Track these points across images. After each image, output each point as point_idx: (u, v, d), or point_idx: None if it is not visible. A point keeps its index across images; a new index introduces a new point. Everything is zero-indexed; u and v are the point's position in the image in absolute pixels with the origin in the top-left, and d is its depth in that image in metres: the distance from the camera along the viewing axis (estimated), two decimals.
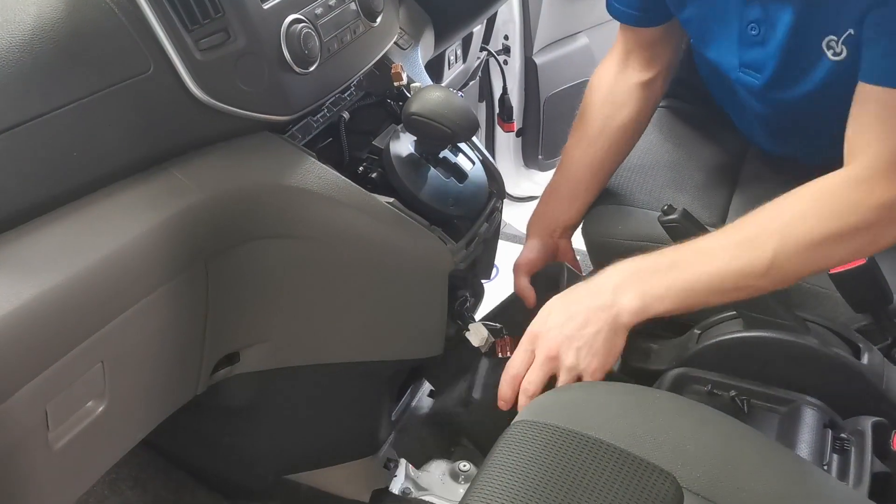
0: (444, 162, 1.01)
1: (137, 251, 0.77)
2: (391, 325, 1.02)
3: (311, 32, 0.89)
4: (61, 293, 0.69)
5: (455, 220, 0.99)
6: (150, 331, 0.83)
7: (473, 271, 1.05)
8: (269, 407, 1.12)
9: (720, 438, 0.78)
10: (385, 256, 0.94)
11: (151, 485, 1.26)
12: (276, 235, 0.90)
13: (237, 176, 0.86)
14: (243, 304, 0.94)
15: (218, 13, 0.81)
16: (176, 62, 0.80)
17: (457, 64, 1.78)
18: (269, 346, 1.01)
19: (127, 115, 0.78)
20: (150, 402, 0.89)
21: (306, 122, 0.96)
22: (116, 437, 0.85)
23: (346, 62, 0.98)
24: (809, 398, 0.97)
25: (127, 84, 0.78)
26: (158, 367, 0.87)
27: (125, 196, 0.79)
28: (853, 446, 0.91)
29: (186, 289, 0.85)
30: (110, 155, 0.78)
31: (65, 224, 0.74)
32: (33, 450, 0.73)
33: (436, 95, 0.95)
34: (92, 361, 0.75)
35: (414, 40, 1.22)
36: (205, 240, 0.84)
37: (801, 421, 0.95)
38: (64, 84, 0.74)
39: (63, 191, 0.74)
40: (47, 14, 0.75)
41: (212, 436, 1.19)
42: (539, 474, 0.72)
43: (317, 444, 1.19)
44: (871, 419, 0.93)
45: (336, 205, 0.90)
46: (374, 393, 1.17)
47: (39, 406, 0.71)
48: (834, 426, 0.94)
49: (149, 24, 0.79)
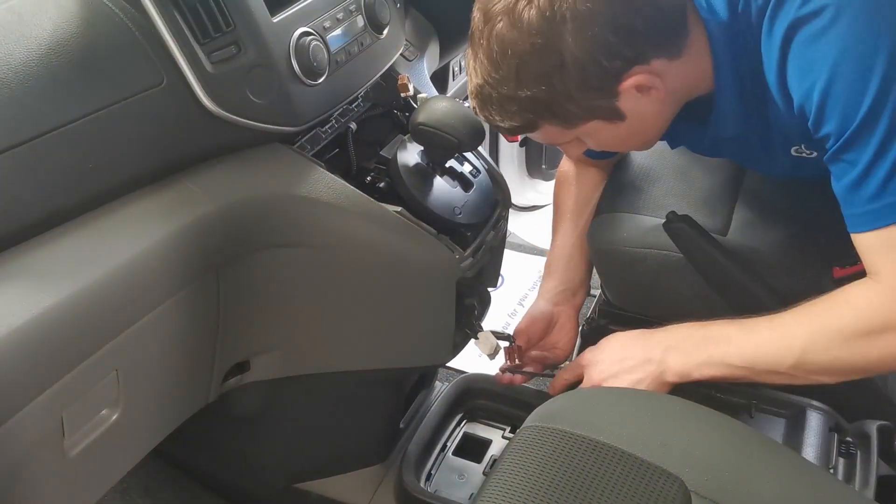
0: (450, 171, 1.03)
1: (151, 261, 0.78)
2: (399, 333, 1.03)
3: (319, 45, 0.90)
4: (77, 303, 0.70)
5: (462, 229, 1.00)
6: (163, 339, 0.84)
7: (480, 279, 1.06)
8: (279, 415, 1.13)
9: (727, 442, 0.78)
10: (393, 265, 0.95)
11: (162, 494, 1.26)
12: (286, 244, 0.91)
13: (248, 186, 0.87)
14: (254, 312, 0.95)
15: (229, 27, 0.83)
16: (188, 75, 0.82)
17: (461, 75, 1.80)
18: (279, 354, 1.02)
19: (140, 128, 0.80)
20: (163, 410, 0.90)
21: (315, 133, 0.97)
22: (130, 444, 0.86)
23: (354, 74, 0.99)
24: (815, 402, 0.98)
25: (140, 97, 0.80)
26: (171, 375, 0.88)
27: (139, 207, 0.80)
28: (859, 450, 0.92)
29: (198, 298, 0.86)
30: (124, 166, 0.79)
31: (80, 234, 0.75)
32: (49, 456, 0.74)
33: (442, 106, 0.96)
34: (107, 370, 0.76)
35: (420, 52, 1.23)
36: (216, 249, 0.85)
37: (807, 425, 0.95)
38: (79, 97, 0.75)
39: (78, 202, 0.76)
40: (63, 29, 0.77)
41: (222, 444, 1.20)
42: (547, 478, 0.73)
43: (326, 451, 1.20)
44: (876, 423, 0.94)
45: (345, 214, 0.91)
46: (383, 400, 1.18)
47: (56, 413, 0.72)
48: (839, 430, 0.95)
49: (161, 38, 0.81)
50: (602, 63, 0.83)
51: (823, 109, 0.81)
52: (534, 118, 0.90)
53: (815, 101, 0.81)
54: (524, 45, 0.83)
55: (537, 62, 0.84)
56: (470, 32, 0.90)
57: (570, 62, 0.83)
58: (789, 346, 0.88)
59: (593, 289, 1.88)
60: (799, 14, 0.80)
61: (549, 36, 0.82)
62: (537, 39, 0.82)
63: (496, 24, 0.84)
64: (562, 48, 0.82)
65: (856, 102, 0.79)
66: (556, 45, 0.82)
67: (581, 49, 0.82)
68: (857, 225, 0.84)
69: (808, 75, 0.81)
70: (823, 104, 0.81)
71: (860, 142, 0.80)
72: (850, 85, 0.79)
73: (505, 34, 0.84)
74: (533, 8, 0.82)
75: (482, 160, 1.10)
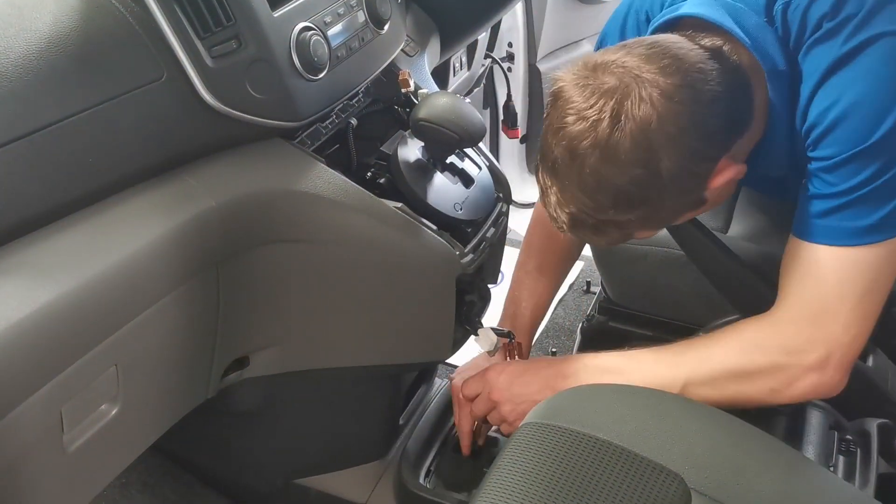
0: (451, 167, 1.02)
1: (151, 256, 0.78)
2: (399, 329, 1.03)
3: (320, 40, 0.90)
4: (77, 297, 0.70)
5: (462, 225, 1.00)
6: (163, 334, 0.84)
7: (480, 275, 1.06)
8: (279, 411, 1.13)
9: (727, 440, 0.78)
10: (393, 261, 0.95)
11: (160, 489, 1.26)
12: (286, 240, 0.91)
13: (248, 181, 0.87)
14: (254, 308, 0.95)
15: (230, 21, 0.82)
16: (188, 69, 0.81)
17: (462, 71, 1.80)
18: (278, 350, 1.02)
19: (140, 122, 0.79)
20: (162, 406, 0.90)
21: (315, 128, 0.97)
22: (129, 439, 0.86)
23: (355, 69, 0.99)
24: (815, 400, 0.98)
25: (140, 91, 0.79)
26: (170, 370, 0.88)
27: (138, 201, 0.80)
28: (859, 448, 0.92)
29: (198, 293, 0.86)
30: (124, 161, 0.79)
31: (79, 229, 0.74)
32: (48, 451, 0.74)
33: (443, 101, 0.95)
34: (106, 365, 0.76)
35: (420, 47, 1.23)
36: (216, 244, 0.85)
37: (807, 423, 0.95)
38: (79, 91, 0.75)
39: (78, 196, 0.75)
40: (63, 23, 0.76)
41: (221, 439, 1.20)
42: (547, 475, 0.73)
43: (325, 447, 1.20)
44: (876, 421, 0.94)
45: (345, 209, 0.91)
46: (383, 396, 1.17)
47: (55, 408, 0.72)
48: (840, 428, 0.95)
49: (162, 32, 0.80)
50: (694, 170, 0.84)
51: (834, 129, 0.83)
52: (630, 231, 0.91)
53: (829, 119, 0.83)
54: (623, 178, 0.82)
55: (637, 189, 0.83)
56: (549, 164, 0.87)
57: (666, 179, 0.83)
58: (674, 378, 0.91)
59: (593, 286, 1.88)
60: (840, 53, 0.83)
61: (646, 163, 0.82)
62: (636, 170, 0.82)
63: (588, 159, 0.82)
64: (659, 169, 0.82)
65: (869, 129, 0.81)
66: (654, 168, 0.82)
67: (676, 165, 0.82)
68: (818, 236, 0.87)
69: (831, 95, 0.83)
70: (836, 124, 0.83)
71: (861, 163, 0.82)
72: (871, 111, 0.82)
73: (600, 168, 0.82)
74: (626, 139, 0.81)
75: (483, 156, 1.09)
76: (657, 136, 0.81)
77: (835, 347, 0.86)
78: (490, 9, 1.39)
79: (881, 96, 0.82)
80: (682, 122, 0.81)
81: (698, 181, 0.86)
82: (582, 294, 1.90)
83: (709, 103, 0.82)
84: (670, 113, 0.80)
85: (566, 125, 0.83)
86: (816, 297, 0.87)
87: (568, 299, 1.88)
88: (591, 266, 1.96)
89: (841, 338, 0.86)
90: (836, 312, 0.85)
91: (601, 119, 0.81)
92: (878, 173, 0.82)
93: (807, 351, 0.86)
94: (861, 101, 0.82)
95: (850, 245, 0.85)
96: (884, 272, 0.85)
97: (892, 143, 0.82)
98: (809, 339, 0.86)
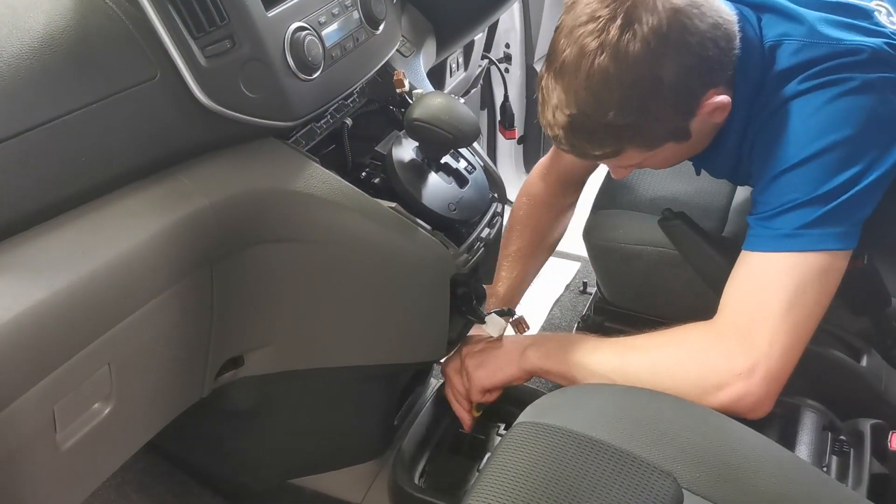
0: (445, 167, 1.02)
1: (144, 255, 0.78)
2: (394, 328, 1.03)
3: (314, 40, 0.90)
4: (70, 296, 0.70)
5: (457, 225, 1.00)
6: (157, 333, 0.84)
7: (476, 275, 1.06)
8: (273, 410, 1.13)
9: (720, 439, 0.78)
10: (388, 261, 0.95)
11: (156, 489, 1.26)
12: (281, 239, 0.91)
13: (242, 181, 0.87)
14: (248, 307, 0.95)
15: (223, 21, 0.82)
16: (182, 69, 0.81)
17: (458, 72, 1.80)
18: (273, 349, 1.02)
19: (134, 121, 0.79)
20: (156, 405, 0.90)
21: (310, 128, 0.97)
22: (122, 438, 0.86)
23: (349, 69, 0.99)
24: (808, 400, 0.98)
25: (134, 90, 0.79)
26: (164, 369, 0.88)
27: (132, 200, 0.80)
28: (852, 448, 0.92)
29: (192, 292, 0.86)
30: (118, 160, 0.79)
31: (73, 228, 0.75)
32: (41, 450, 0.74)
33: (438, 101, 0.96)
34: (99, 363, 0.76)
35: (416, 48, 1.23)
36: (210, 243, 0.85)
37: (801, 423, 0.95)
38: (72, 90, 0.75)
39: (71, 195, 0.75)
40: (56, 22, 0.76)
41: (216, 439, 1.20)
42: (540, 474, 0.73)
43: (320, 447, 1.20)
44: (869, 421, 0.94)
45: (339, 209, 0.91)
46: (378, 396, 1.18)
47: (47, 407, 0.72)
48: (833, 428, 0.95)
49: (156, 31, 0.80)
50: (690, 86, 0.90)
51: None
52: (622, 144, 0.94)
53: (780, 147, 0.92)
54: (628, 77, 0.88)
55: (638, 94, 0.89)
56: (556, 66, 0.92)
57: (667, 88, 0.89)
58: (610, 363, 0.95)
59: (589, 286, 1.89)
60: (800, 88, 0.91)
61: (651, 66, 0.87)
62: (642, 70, 0.88)
63: (596, 58, 0.88)
64: (661, 76, 0.88)
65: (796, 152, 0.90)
66: (656, 74, 0.88)
67: (676, 75, 0.88)
68: (750, 244, 0.92)
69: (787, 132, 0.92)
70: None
71: (787, 180, 0.90)
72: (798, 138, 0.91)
73: (608, 67, 0.88)
74: (638, 41, 0.87)
75: (477, 156, 1.10)
76: (663, 45, 0.87)
77: (761, 357, 0.87)
78: (486, 9, 1.39)
79: (808, 128, 0.90)
80: (689, 38, 0.88)
81: (690, 101, 0.91)
82: (578, 294, 1.90)
83: (710, 28, 0.89)
84: (678, 25, 0.87)
85: (580, 24, 0.89)
86: (746, 304, 0.90)
87: (564, 300, 1.89)
88: (587, 267, 1.96)
89: (766, 348, 0.87)
90: (762, 321, 0.88)
91: (615, 18, 0.87)
92: (804, 190, 0.89)
93: (735, 356, 0.88)
94: (794, 129, 0.91)
95: (772, 251, 0.90)
96: (810, 286, 0.88)
97: (818, 165, 0.88)
98: (739, 345, 0.89)
